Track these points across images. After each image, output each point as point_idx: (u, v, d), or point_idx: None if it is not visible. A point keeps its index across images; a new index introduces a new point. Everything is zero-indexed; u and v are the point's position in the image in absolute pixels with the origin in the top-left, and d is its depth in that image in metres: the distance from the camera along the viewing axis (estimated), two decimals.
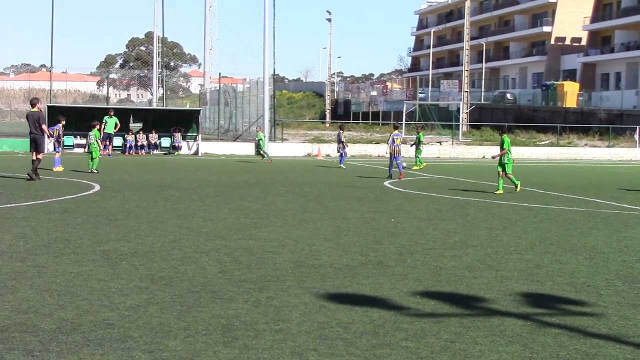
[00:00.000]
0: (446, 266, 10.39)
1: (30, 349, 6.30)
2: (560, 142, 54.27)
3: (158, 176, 25.82)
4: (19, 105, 76.11)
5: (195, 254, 10.82)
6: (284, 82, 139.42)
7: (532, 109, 72.26)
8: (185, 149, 43.87)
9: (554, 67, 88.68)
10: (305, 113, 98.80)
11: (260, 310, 7.73)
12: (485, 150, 49.67)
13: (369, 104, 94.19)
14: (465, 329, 7.26)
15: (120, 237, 12.20)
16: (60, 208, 15.92)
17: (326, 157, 44.57)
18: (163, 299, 8.10)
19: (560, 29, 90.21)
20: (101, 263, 9.98)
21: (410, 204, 18.34)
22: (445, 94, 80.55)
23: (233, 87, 60.33)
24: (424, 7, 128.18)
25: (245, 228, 13.58)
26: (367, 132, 63.43)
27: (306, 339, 6.81)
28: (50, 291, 8.30)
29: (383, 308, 7.96)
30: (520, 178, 22.99)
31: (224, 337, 6.80)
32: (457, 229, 14.08)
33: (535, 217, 16.23)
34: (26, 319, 7.18)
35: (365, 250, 11.56)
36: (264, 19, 44.73)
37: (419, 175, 28.74)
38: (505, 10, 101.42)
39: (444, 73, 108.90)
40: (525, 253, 11.63)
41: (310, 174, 28.85)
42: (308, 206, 17.47)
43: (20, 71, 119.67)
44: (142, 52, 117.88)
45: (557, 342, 6.89)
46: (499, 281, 9.46)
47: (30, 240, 11.68)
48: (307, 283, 9.07)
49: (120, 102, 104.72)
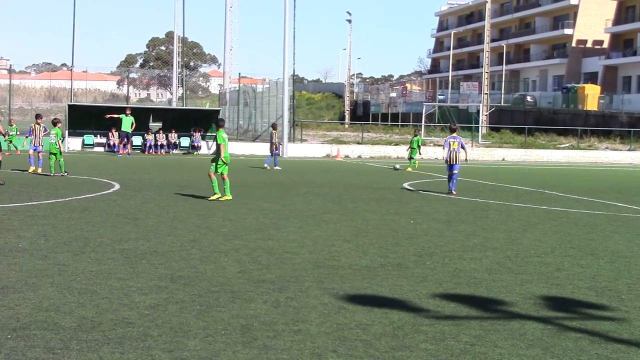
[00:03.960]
0: (465, 268, 10.35)
1: (51, 346, 6.32)
2: (580, 145, 53.99)
3: (177, 176, 25.89)
4: (40, 104, 76.64)
5: (215, 254, 10.83)
6: (303, 83, 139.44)
7: (552, 111, 71.83)
8: (204, 149, 44.01)
9: (574, 69, 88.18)
10: (325, 114, 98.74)
11: (280, 311, 7.73)
12: (505, 153, 49.51)
13: (388, 105, 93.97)
14: (485, 332, 7.22)
15: (140, 236, 12.24)
16: (81, 206, 15.99)
17: (345, 158, 44.55)
18: (182, 298, 8.11)
19: (581, 32, 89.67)
20: (121, 262, 10.01)
21: (429, 206, 18.29)
22: (464, 95, 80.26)
23: (252, 87, 60.44)
24: (444, 8, 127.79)
25: (265, 228, 13.59)
26: (386, 134, 63.32)
27: (325, 340, 6.80)
28: (71, 289, 8.33)
29: (402, 310, 7.93)
30: (540, 181, 22.86)
31: (243, 337, 6.80)
32: (476, 232, 14.03)
33: (556, 220, 16.13)
34: (47, 316, 7.21)
35: (385, 251, 11.54)
36: (284, 20, 44.81)
37: (438, 178, 28.63)
38: (526, 12, 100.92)
39: (464, 75, 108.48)
40: (545, 256, 11.56)
41: (329, 175, 28.83)
42: (327, 207, 17.46)
43: (42, 70, 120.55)
44: (162, 52, 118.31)
45: (578, 347, 6.84)
46: (519, 284, 9.40)
47: (51, 238, 11.74)
48: (326, 284, 9.05)
49: (140, 101, 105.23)
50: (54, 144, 24.28)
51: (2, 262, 9.73)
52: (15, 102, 57.32)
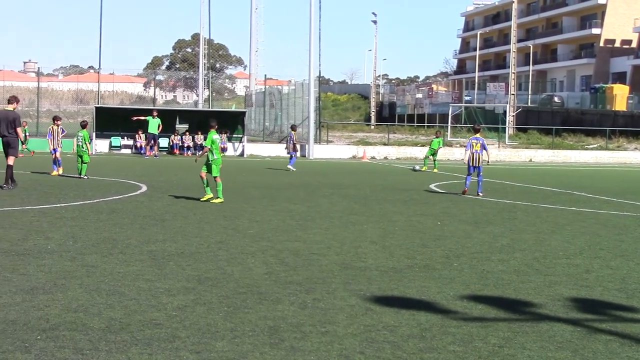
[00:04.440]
0: (493, 270, 10.29)
1: (80, 347, 6.36)
2: (609, 146, 53.53)
3: None
4: (68, 106, 77.24)
5: (242, 255, 10.85)
6: (329, 84, 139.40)
7: (580, 112, 71.30)
8: (230, 151, 44.17)
9: (602, 69, 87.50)
10: (350, 115, 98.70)
11: (307, 312, 7.72)
12: (532, 154, 49.20)
13: (414, 106, 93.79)
14: (514, 333, 7.17)
15: (167, 237, 12.29)
16: (109, 208, 16.09)
17: (371, 159, 44.49)
18: (210, 299, 8.13)
19: (609, 31, 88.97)
20: (148, 263, 10.06)
21: (456, 207, 18.21)
22: (491, 96, 79.86)
23: (278, 89, 60.53)
24: (470, 9, 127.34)
25: (291, 230, 13.59)
26: (412, 135, 63.16)
27: (353, 341, 6.78)
28: (99, 290, 8.38)
29: (430, 311, 7.90)
30: (568, 182, 22.67)
31: (271, 338, 6.80)
32: (504, 233, 13.95)
33: (584, 222, 16.00)
34: (76, 317, 7.26)
35: (412, 253, 11.50)
36: (310, 22, 44.84)
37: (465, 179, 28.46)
38: (553, 12, 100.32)
39: (490, 75, 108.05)
40: (574, 258, 11.47)
41: (355, 176, 28.80)
42: (353, 208, 17.43)
43: (69, 72, 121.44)
44: (189, 54, 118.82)
45: (608, 349, 6.77)
46: (547, 286, 9.33)
47: (79, 239, 11.81)
48: (353, 285, 9.04)
49: (166, 103, 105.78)
50: (81, 146, 24.24)
51: (31, 263, 9.80)
52: (43, 105, 57.85)
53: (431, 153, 34.10)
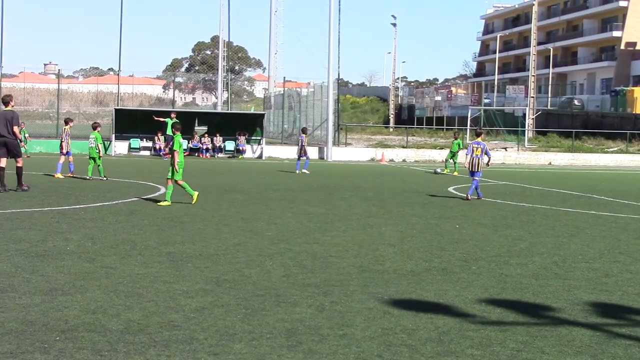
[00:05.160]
0: (512, 274, 10.24)
1: (99, 348, 6.39)
2: (629, 149, 53.17)
3: (222, 179, 26.04)
4: (87, 108, 77.63)
5: (260, 258, 10.86)
6: (347, 87, 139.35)
7: (600, 115, 70.87)
8: (249, 153, 44.26)
9: (623, 72, 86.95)
10: (369, 117, 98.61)
11: (325, 315, 7.72)
12: (551, 157, 48.97)
13: (433, 109, 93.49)
14: (532, 338, 7.13)
15: (186, 239, 12.32)
16: (127, 210, 16.15)
17: (390, 161, 44.43)
18: (228, 301, 8.14)
19: (630, 34, 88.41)
20: (167, 265, 10.09)
21: (475, 211, 18.15)
22: (510, 99, 79.50)
23: (297, 91, 60.57)
24: (490, 11, 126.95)
25: (309, 232, 13.60)
26: (431, 137, 63.02)
27: (370, 344, 6.77)
28: (118, 292, 8.41)
29: (448, 315, 7.88)
30: (587, 185, 22.54)
31: (289, 341, 6.80)
32: (523, 236, 13.89)
33: (604, 226, 15.91)
34: (94, 318, 7.29)
35: (430, 256, 11.47)
36: (329, 24, 44.85)
37: (483, 181, 28.41)
38: (573, 15, 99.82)
39: (510, 78, 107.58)
40: (593, 262, 11.40)
41: (374, 179, 28.78)
42: (372, 211, 17.42)
43: (89, 74, 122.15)
44: (208, 56, 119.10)
45: (627, 354, 6.72)
46: (566, 290, 9.28)
47: (98, 241, 11.87)
48: (371, 288, 9.03)
49: (185, 105, 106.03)
50: (94, 148, 24.06)
51: (50, 264, 9.86)
52: (63, 107, 58.08)
53: (451, 156, 34.11)
